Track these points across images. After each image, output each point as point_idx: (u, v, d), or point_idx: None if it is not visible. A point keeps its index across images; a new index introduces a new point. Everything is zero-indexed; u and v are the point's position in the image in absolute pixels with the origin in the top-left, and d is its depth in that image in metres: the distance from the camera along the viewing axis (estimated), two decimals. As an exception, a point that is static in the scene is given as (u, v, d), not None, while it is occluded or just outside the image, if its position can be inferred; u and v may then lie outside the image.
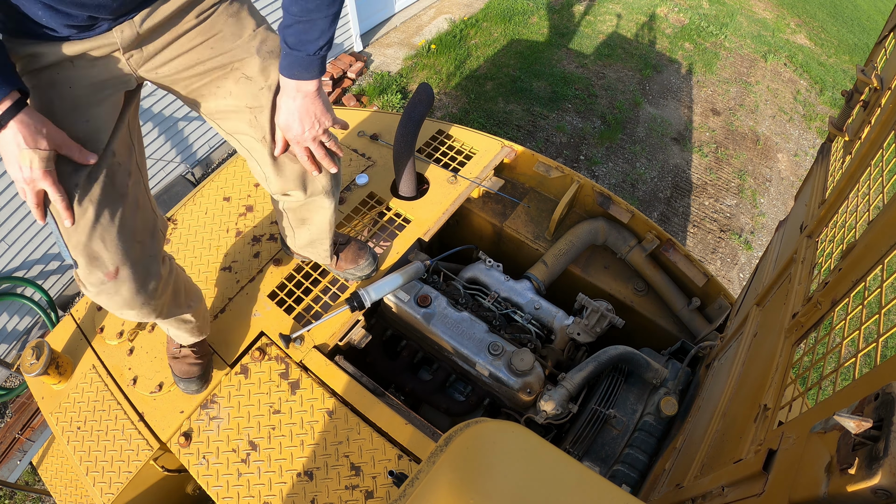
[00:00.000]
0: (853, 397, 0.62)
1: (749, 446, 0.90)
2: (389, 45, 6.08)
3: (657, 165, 5.07)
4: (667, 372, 1.73)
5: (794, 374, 0.95)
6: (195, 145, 4.51)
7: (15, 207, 3.50)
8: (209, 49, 1.21)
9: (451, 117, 5.28)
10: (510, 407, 1.78)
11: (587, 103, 5.56)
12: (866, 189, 1.00)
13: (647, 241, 2.08)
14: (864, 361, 2.92)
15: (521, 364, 1.66)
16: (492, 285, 2.03)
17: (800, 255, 1.21)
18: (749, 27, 7.16)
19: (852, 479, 0.51)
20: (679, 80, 6.05)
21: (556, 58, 6.11)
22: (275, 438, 1.60)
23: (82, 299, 2.07)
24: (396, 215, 2.11)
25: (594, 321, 1.85)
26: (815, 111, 6.06)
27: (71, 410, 1.77)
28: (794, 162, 5.44)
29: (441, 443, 0.81)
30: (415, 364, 1.98)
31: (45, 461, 2.08)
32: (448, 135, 2.42)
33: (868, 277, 0.80)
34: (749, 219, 4.79)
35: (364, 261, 1.85)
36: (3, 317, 3.73)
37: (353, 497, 1.49)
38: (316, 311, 1.86)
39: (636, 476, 1.55)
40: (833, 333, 0.87)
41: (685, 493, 1.05)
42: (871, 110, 1.22)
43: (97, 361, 1.84)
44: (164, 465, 1.71)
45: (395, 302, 1.85)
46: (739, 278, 4.32)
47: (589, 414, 1.67)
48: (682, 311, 2.01)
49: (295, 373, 1.70)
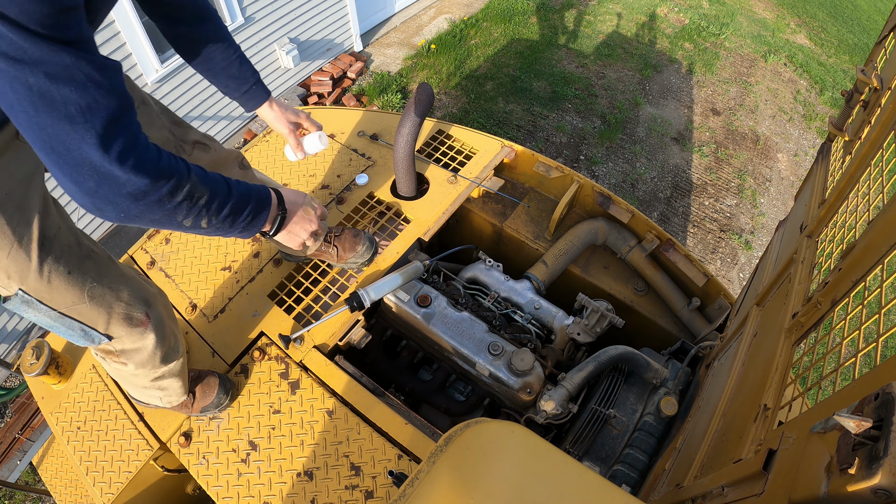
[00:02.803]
0: (853, 397, 0.62)
1: (749, 446, 0.90)
2: (389, 45, 6.08)
3: (657, 165, 5.07)
4: (667, 372, 1.73)
5: (794, 374, 0.95)
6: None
7: (15, 207, 3.50)
8: None
9: (451, 117, 5.28)
10: (510, 407, 1.78)
11: (587, 103, 5.56)
12: (866, 189, 1.00)
13: (647, 241, 2.08)
14: (864, 361, 2.92)
15: (521, 364, 1.66)
16: (492, 285, 2.03)
17: (800, 255, 1.21)
18: (749, 27, 7.16)
19: (852, 479, 0.51)
20: (679, 80, 6.05)
21: (556, 58, 6.11)
22: (275, 438, 1.60)
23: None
24: (396, 215, 2.11)
25: (594, 321, 1.85)
26: (815, 111, 6.07)
27: (71, 410, 1.77)
28: (794, 162, 5.44)
29: (441, 443, 0.81)
30: (415, 364, 1.98)
31: (45, 461, 2.08)
32: (448, 135, 2.42)
33: (868, 277, 0.80)
34: (749, 219, 4.79)
35: (362, 246, 1.85)
36: (3, 317, 3.73)
37: (353, 497, 1.49)
38: (316, 311, 1.86)
39: (636, 476, 1.55)
40: (833, 333, 0.87)
41: (685, 493, 1.05)
42: (871, 110, 1.22)
43: (97, 361, 1.84)
44: (164, 465, 1.71)
45: (395, 302, 1.85)
46: (739, 278, 4.33)
47: (589, 414, 1.67)
48: (682, 311, 2.01)
49: (295, 373, 1.70)
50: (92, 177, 0.84)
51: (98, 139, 0.80)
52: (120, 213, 0.90)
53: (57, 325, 1.17)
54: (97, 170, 0.83)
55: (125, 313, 1.23)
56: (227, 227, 1.09)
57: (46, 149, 0.79)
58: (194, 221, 1.01)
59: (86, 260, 1.17)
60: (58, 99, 0.75)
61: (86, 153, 0.81)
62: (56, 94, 0.74)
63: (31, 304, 1.11)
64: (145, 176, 0.88)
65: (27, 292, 1.09)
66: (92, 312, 1.18)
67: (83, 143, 0.80)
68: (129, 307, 1.23)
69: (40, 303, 1.11)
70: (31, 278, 1.07)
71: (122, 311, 1.22)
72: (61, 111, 0.76)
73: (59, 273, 1.10)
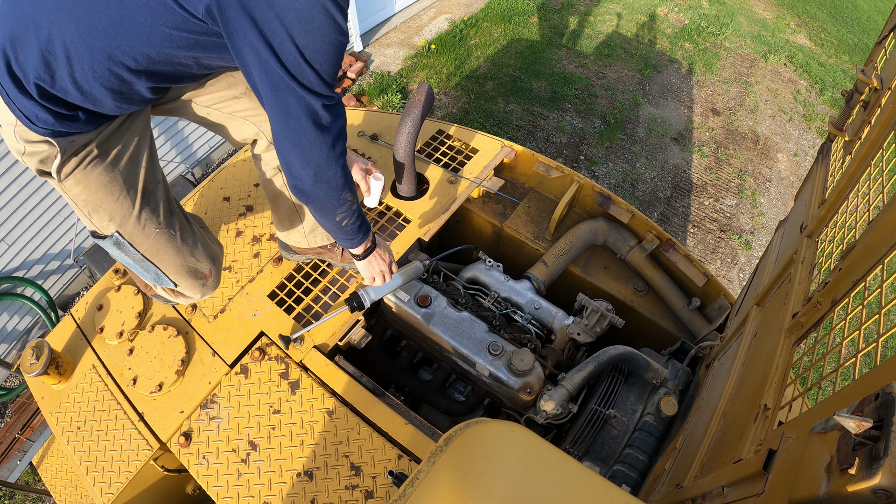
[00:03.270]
0: (853, 397, 0.62)
1: (749, 446, 0.90)
2: (389, 45, 6.08)
3: (657, 165, 5.07)
4: (667, 372, 1.73)
5: (794, 374, 0.95)
6: (195, 145, 4.51)
7: (15, 207, 3.50)
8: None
9: (451, 117, 5.28)
10: (510, 407, 1.78)
11: (587, 103, 5.56)
12: (866, 189, 1.00)
13: (647, 241, 2.08)
14: (864, 361, 2.92)
15: (521, 364, 1.65)
16: (492, 285, 2.03)
17: (800, 255, 1.21)
18: (749, 27, 7.16)
19: (852, 479, 0.51)
20: (679, 80, 6.05)
21: (556, 58, 6.10)
22: (275, 438, 1.60)
23: (82, 299, 2.07)
24: (396, 215, 2.11)
25: (594, 321, 1.85)
26: (815, 111, 6.06)
27: (71, 410, 1.77)
28: (794, 162, 5.44)
29: (441, 443, 0.81)
30: (415, 364, 1.98)
31: (45, 461, 2.08)
32: (448, 135, 2.42)
33: (868, 277, 0.80)
34: (749, 219, 4.79)
35: None
36: (3, 317, 3.73)
37: (353, 497, 1.49)
38: (316, 311, 1.86)
39: (636, 476, 1.55)
40: (833, 333, 0.86)
41: (685, 493, 1.05)
42: (871, 110, 1.22)
43: (97, 361, 1.84)
44: (164, 465, 1.71)
45: (395, 302, 1.85)
46: (739, 278, 4.32)
47: (589, 414, 1.66)
48: (682, 311, 2.01)
49: (295, 373, 1.70)
50: (316, 167, 1.19)
51: (332, 142, 1.17)
52: (315, 187, 1.22)
53: (136, 266, 1.41)
54: (321, 163, 1.18)
55: (194, 267, 1.47)
56: (353, 231, 1.40)
57: (296, 144, 1.14)
58: (343, 216, 1.33)
59: (172, 215, 1.41)
60: (323, 117, 1.12)
61: (320, 151, 1.16)
62: (322, 114, 1.11)
63: (121, 245, 1.33)
64: (344, 174, 1.25)
65: (122, 235, 1.32)
66: (169, 260, 1.41)
67: (323, 144, 1.16)
68: (197, 262, 1.48)
69: (130, 245, 1.34)
70: (130, 223, 1.31)
71: (192, 264, 1.46)
72: (321, 123, 1.13)
73: (151, 222, 1.34)
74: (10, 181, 3.41)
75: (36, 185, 3.57)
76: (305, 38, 0.98)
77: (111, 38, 0.99)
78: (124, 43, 1.00)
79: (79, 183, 1.21)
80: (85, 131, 1.14)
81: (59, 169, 1.16)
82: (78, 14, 0.97)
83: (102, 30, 0.98)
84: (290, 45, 0.98)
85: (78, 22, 0.98)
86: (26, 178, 3.51)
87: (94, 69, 1.02)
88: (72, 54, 1.00)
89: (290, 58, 1.00)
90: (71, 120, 1.10)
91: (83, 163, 1.18)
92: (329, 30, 1.00)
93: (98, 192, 1.23)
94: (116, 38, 0.99)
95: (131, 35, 0.99)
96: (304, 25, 0.97)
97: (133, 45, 1.01)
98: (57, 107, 1.07)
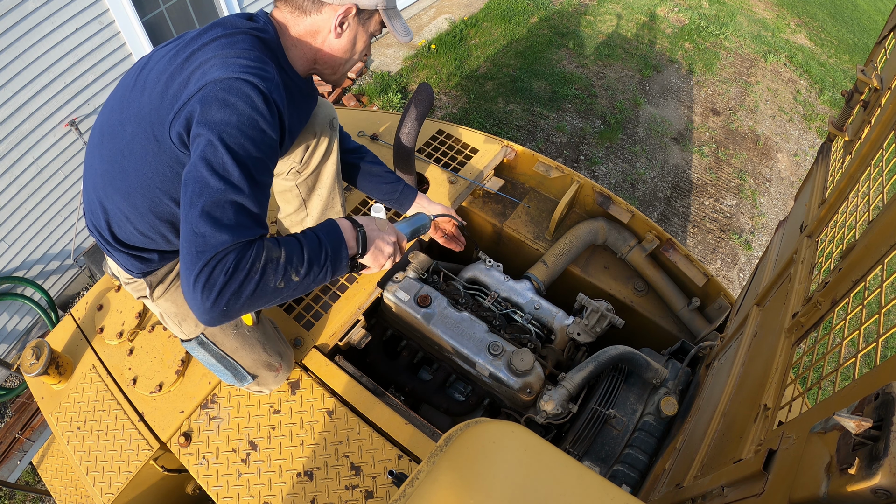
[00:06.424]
0: (853, 397, 0.62)
1: (749, 446, 0.90)
2: (389, 45, 6.08)
3: (657, 165, 5.07)
4: (667, 372, 1.73)
5: (794, 374, 0.95)
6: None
7: (15, 207, 3.50)
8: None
9: (451, 117, 5.28)
10: (510, 407, 1.78)
11: (587, 103, 5.56)
12: (866, 189, 1.00)
13: (647, 241, 2.08)
14: (864, 361, 2.92)
15: (521, 364, 1.65)
16: (492, 285, 2.03)
17: (800, 255, 1.21)
18: (749, 27, 7.16)
19: (852, 479, 0.51)
20: (679, 80, 6.05)
21: (556, 58, 6.11)
22: (275, 438, 1.60)
23: (82, 299, 2.07)
24: (397, 215, 2.11)
25: (594, 321, 1.85)
26: (815, 111, 6.07)
27: (71, 410, 1.77)
28: (794, 162, 5.44)
29: (441, 443, 0.81)
30: (415, 364, 1.98)
31: (45, 461, 2.08)
32: (448, 135, 2.42)
33: (868, 277, 0.80)
34: (749, 219, 4.79)
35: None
36: (3, 317, 3.73)
37: (353, 497, 1.49)
38: (316, 311, 1.86)
39: (636, 476, 1.55)
40: (833, 333, 0.86)
41: (685, 493, 1.05)
42: (871, 110, 1.22)
43: (97, 361, 1.84)
44: (164, 465, 1.71)
45: (395, 302, 1.85)
46: (739, 278, 4.33)
47: (589, 414, 1.66)
48: (682, 311, 2.01)
49: (295, 373, 1.70)
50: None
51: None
52: (227, 299, 1.02)
53: (217, 364, 1.49)
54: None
55: (267, 361, 1.56)
56: (322, 274, 1.13)
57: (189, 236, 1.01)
58: (285, 280, 1.06)
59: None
60: (229, 211, 0.99)
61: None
62: (228, 209, 0.99)
63: (205, 345, 1.45)
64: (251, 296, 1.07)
65: (207, 336, 1.44)
66: (246, 356, 1.50)
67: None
68: (269, 356, 1.56)
69: (213, 345, 1.45)
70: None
71: (265, 359, 1.55)
72: (227, 217, 1.00)
73: (231, 324, 1.45)
74: (10, 181, 3.41)
75: (36, 185, 3.57)
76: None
77: (144, 195, 1.19)
78: (155, 195, 1.19)
79: (168, 300, 1.43)
80: (164, 264, 1.39)
81: (152, 294, 1.41)
82: (118, 185, 1.20)
83: (138, 191, 1.18)
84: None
85: (120, 191, 1.20)
86: (26, 179, 3.51)
87: (148, 222, 1.24)
88: (129, 216, 1.23)
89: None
90: (149, 261, 1.34)
91: (170, 286, 1.42)
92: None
93: (183, 304, 1.43)
94: (148, 193, 1.18)
95: (154, 186, 1.17)
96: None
97: (159, 193, 1.18)
98: (139, 253, 1.31)
